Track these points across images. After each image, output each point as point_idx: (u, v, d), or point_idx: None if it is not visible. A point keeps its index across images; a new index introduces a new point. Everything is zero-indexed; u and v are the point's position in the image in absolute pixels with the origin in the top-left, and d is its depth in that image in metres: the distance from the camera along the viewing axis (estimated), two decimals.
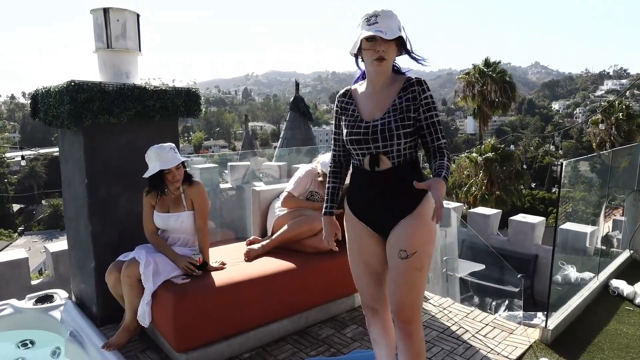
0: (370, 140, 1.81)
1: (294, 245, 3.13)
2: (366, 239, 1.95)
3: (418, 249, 1.79)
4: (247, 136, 15.97)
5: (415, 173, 1.84)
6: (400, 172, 1.82)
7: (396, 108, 1.80)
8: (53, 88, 2.86)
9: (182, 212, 2.73)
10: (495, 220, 8.16)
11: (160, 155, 2.60)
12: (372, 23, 1.72)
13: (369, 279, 2.00)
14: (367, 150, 1.83)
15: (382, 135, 1.79)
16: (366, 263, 1.98)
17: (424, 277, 1.86)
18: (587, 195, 6.28)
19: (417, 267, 1.82)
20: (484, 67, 20.66)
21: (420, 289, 1.88)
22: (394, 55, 1.80)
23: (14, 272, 4.73)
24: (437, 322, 3.09)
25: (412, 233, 1.79)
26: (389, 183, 1.84)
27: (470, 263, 6.71)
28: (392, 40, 1.72)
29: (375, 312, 2.05)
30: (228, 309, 2.61)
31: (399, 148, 1.80)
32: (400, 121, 1.78)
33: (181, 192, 2.75)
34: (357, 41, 1.75)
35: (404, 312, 1.85)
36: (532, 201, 31.09)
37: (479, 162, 17.93)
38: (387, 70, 1.83)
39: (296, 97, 11.41)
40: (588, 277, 3.91)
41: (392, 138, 1.78)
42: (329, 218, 2.07)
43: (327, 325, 3.04)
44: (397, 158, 1.81)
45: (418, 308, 1.89)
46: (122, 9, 3.04)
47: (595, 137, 21.64)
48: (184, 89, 3.19)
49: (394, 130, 1.78)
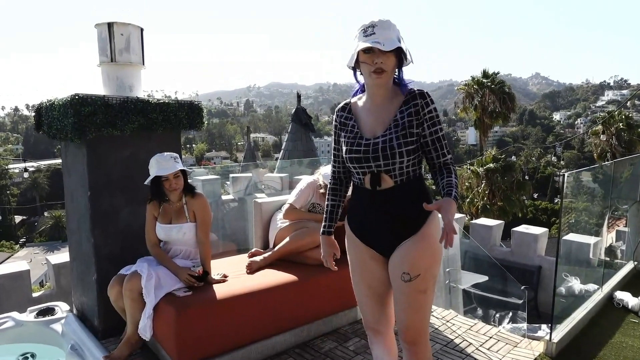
0: (371, 158, 1.71)
1: (296, 258, 3.13)
2: (368, 262, 1.86)
3: (422, 272, 1.72)
4: (249, 147, 16.02)
5: (420, 192, 1.76)
6: (403, 191, 1.74)
7: (398, 124, 1.71)
8: (57, 101, 2.89)
9: (184, 224, 2.73)
10: (498, 232, 8.14)
11: (160, 163, 2.63)
12: (369, 34, 1.63)
13: (371, 301, 1.92)
14: (368, 168, 1.74)
15: (383, 153, 1.69)
16: (369, 286, 1.90)
17: (429, 299, 1.80)
18: (590, 206, 6.26)
19: (421, 289, 1.75)
20: (482, 78, 20.78)
21: (426, 311, 1.81)
22: (393, 67, 1.69)
23: (15, 284, 4.73)
24: (440, 335, 3.07)
25: (416, 255, 1.72)
26: (392, 203, 1.75)
27: (473, 275, 6.67)
28: (391, 52, 1.64)
29: (378, 333, 1.98)
30: (230, 321, 2.60)
31: (402, 166, 1.71)
32: (402, 138, 1.69)
33: (184, 203, 2.75)
34: (354, 53, 1.67)
35: (409, 334, 1.80)
36: (535, 212, 31.00)
37: (481, 173, 17.93)
38: (386, 83, 1.73)
39: (298, 108, 11.46)
40: (592, 289, 3.89)
41: (394, 156, 1.69)
42: (328, 238, 2.01)
43: (330, 338, 3.02)
44: (400, 176, 1.73)
45: (424, 329, 1.83)
46: (126, 24, 3.08)
47: (596, 147, 21.66)
48: (186, 101, 3.22)
49: (395, 148, 1.68)
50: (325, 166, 3.45)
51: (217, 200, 7.40)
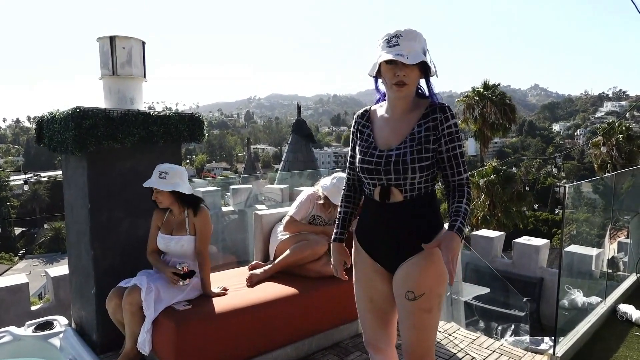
0: (382, 171, 1.66)
1: (296, 270, 3.10)
2: (372, 275, 1.81)
3: (426, 291, 1.66)
4: (250, 159, 16.05)
5: (429, 209, 1.71)
6: (412, 207, 1.68)
7: (414, 137, 1.64)
8: (58, 114, 2.90)
9: (184, 236, 2.72)
10: (499, 243, 8.11)
11: (153, 174, 2.66)
12: (393, 45, 1.56)
13: (372, 316, 1.86)
14: (379, 181, 1.69)
15: (395, 167, 1.64)
16: (371, 300, 1.84)
17: (435, 319, 1.74)
18: (591, 217, 6.25)
19: (426, 309, 1.69)
20: (483, 90, 20.88)
21: (431, 331, 1.76)
22: (416, 80, 1.64)
23: (14, 297, 4.69)
24: (442, 349, 3.03)
25: (421, 273, 1.67)
26: (399, 218, 1.70)
27: (474, 286, 6.62)
28: (415, 65, 1.56)
29: (378, 350, 1.91)
30: (230, 335, 2.57)
31: (413, 182, 1.65)
32: (417, 153, 1.63)
33: (185, 216, 2.75)
34: (376, 63, 1.61)
35: (415, 355, 1.75)
36: (535, 222, 30.91)
37: (481, 185, 17.92)
38: (408, 96, 1.67)
39: (298, 119, 11.51)
40: (595, 301, 3.86)
41: (406, 171, 1.63)
42: (339, 245, 1.96)
43: (331, 352, 2.98)
44: (411, 192, 1.67)
45: (430, 350, 1.77)
46: (128, 37, 3.10)
47: (596, 158, 21.66)
48: (187, 114, 3.22)
49: (408, 163, 1.62)
50: (324, 178, 3.45)
51: (217, 212, 7.39)
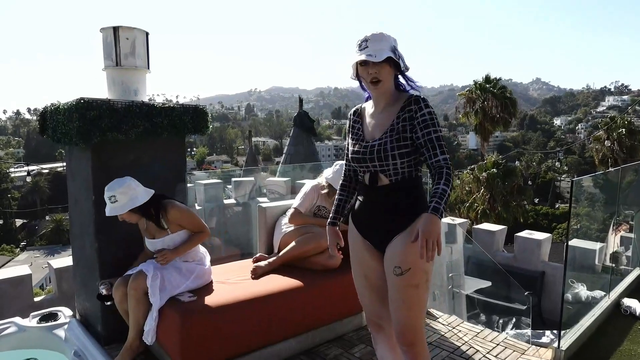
0: (368, 159, 1.86)
1: (301, 263, 3.10)
2: (365, 253, 1.96)
3: (412, 265, 1.77)
4: (251, 152, 16.00)
5: (414, 189, 1.86)
6: (398, 189, 1.85)
7: (394, 129, 1.82)
8: (62, 105, 2.87)
9: (165, 237, 2.68)
10: (501, 237, 8.11)
11: (106, 201, 2.56)
12: (363, 48, 1.77)
13: (370, 293, 2.01)
14: (367, 168, 1.89)
15: (377, 155, 1.83)
16: (366, 277, 1.99)
17: (422, 295, 1.84)
18: (591, 212, 6.24)
19: (413, 284, 1.80)
20: (485, 84, 20.81)
21: (420, 308, 1.85)
22: (388, 76, 1.82)
23: (17, 289, 4.70)
24: (447, 342, 3.04)
25: (406, 249, 1.78)
26: (387, 198, 1.87)
27: (476, 280, 6.64)
28: (385, 62, 1.76)
29: (380, 329, 2.03)
30: (235, 327, 2.57)
31: (396, 167, 1.83)
32: (395, 142, 1.81)
33: (160, 218, 2.67)
34: (353, 66, 1.85)
35: (405, 334, 1.83)
36: (536, 217, 30.94)
37: (481, 179, 17.90)
38: (386, 91, 1.86)
39: (300, 112, 11.44)
40: (599, 295, 3.86)
41: (387, 158, 1.82)
42: (331, 228, 2.13)
43: (335, 344, 2.98)
44: (395, 176, 1.84)
45: (419, 329, 1.86)
46: (131, 28, 3.07)
47: (597, 153, 21.64)
48: (191, 106, 3.20)
49: (389, 151, 1.81)
50: (327, 169, 3.44)
51: (219, 204, 7.38)
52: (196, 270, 2.73)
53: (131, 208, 2.56)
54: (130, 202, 2.56)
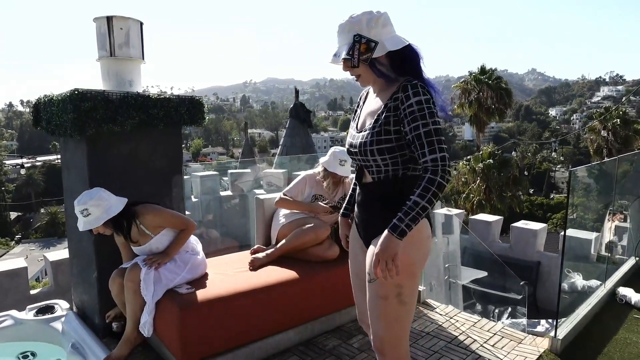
0: (353, 152, 1.70)
1: (298, 254, 3.10)
2: (358, 251, 1.83)
3: (380, 276, 1.52)
4: (247, 143, 15.91)
5: (395, 193, 1.61)
6: (378, 189, 1.66)
7: (378, 119, 1.59)
8: (56, 97, 2.83)
9: (151, 241, 2.64)
10: (497, 227, 8.15)
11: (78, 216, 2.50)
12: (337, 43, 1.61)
13: (359, 293, 1.86)
14: (356, 161, 1.74)
15: (359, 149, 1.64)
16: (357, 275, 1.86)
17: (393, 309, 1.60)
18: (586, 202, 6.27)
19: (380, 295, 1.60)
20: (480, 75, 20.76)
21: (388, 321, 1.61)
22: (365, 68, 1.60)
23: (12, 281, 4.67)
24: (444, 332, 3.05)
25: None
26: (367, 198, 1.71)
27: (472, 270, 6.68)
28: None
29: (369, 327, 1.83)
30: (233, 319, 2.57)
31: (378, 165, 1.62)
32: (376, 135, 1.58)
33: (138, 224, 2.60)
34: None
35: (375, 341, 1.68)
36: (531, 207, 31.14)
37: (477, 169, 17.95)
38: (372, 82, 1.67)
39: (296, 104, 11.38)
40: (595, 285, 3.89)
41: (366, 154, 1.61)
42: (343, 219, 2.03)
43: (333, 335, 2.99)
44: (377, 174, 1.64)
45: (390, 341, 1.64)
46: (125, 17, 3.02)
47: (592, 143, 21.71)
48: (187, 97, 3.17)
49: (368, 146, 1.60)
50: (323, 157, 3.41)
51: (216, 196, 7.35)
52: (191, 261, 2.71)
53: (106, 219, 2.49)
54: (105, 213, 2.49)
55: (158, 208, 2.68)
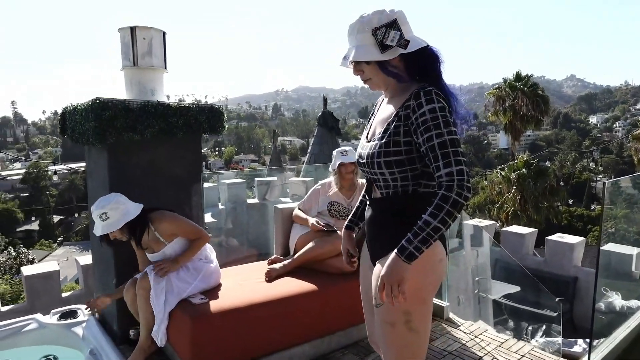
0: (361, 164, 1.57)
1: (316, 266, 3.03)
2: (367, 270, 1.68)
3: (385, 301, 1.39)
4: (275, 151, 16.05)
5: (404, 212, 1.46)
6: (388, 206, 1.52)
7: (388, 129, 1.46)
8: (79, 106, 2.90)
9: (165, 248, 2.64)
10: (531, 240, 7.80)
11: (95, 221, 2.54)
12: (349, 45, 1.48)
13: (367, 313, 1.75)
14: (365, 174, 1.60)
15: (367, 161, 1.51)
16: (366, 293, 1.74)
17: (401, 336, 1.47)
18: (630, 214, 5.89)
19: (387, 321, 1.48)
20: (515, 82, 20.18)
21: (397, 348, 1.49)
22: (374, 72, 1.47)
23: (46, 284, 4.83)
24: (467, 352, 2.90)
25: None
26: (377, 214, 1.57)
27: (504, 285, 6.40)
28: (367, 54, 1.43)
29: (378, 348, 1.75)
30: (247, 331, 2.52)
31: (386, 178, 1.47)
32: (384, 147, 1.44)
33: (153, 230, 2.61)
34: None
35: None
36: (570, 218, 29.84)
37: (512, 179, 17.37)
38: (383, 86, 1.55)
39: (324, 112, 11.38)
40: (635, 305, 3.61)
41: (373, 166, 1.48)
42: (346, 232, 1.86)
43: (350, 351, 2.90)
44: (386, 189, 1.50)
45: None
46: (148, 27, 3.07)
47: (637, 152, 20.62)
48: (207, 105, 3.18)
49: (375, 157, 1.46)
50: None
51: (242, 204, 7.39)
52: (204, 269, 2.69)
53: (125, 223, 2.50)
54: (123, 218, 2.50)
55: (174, 215, 2.68)
